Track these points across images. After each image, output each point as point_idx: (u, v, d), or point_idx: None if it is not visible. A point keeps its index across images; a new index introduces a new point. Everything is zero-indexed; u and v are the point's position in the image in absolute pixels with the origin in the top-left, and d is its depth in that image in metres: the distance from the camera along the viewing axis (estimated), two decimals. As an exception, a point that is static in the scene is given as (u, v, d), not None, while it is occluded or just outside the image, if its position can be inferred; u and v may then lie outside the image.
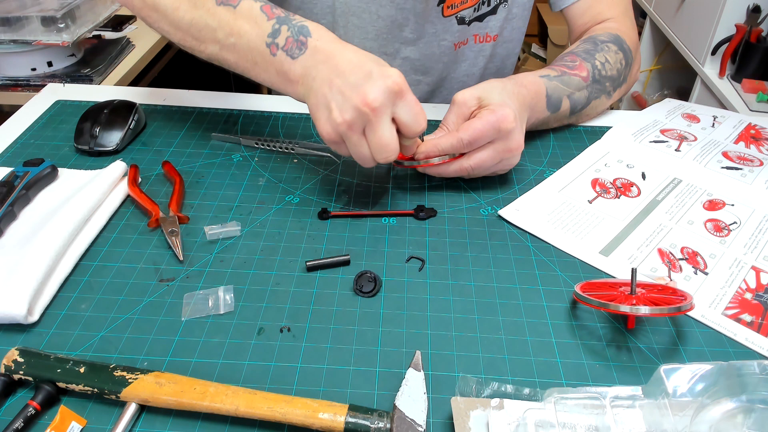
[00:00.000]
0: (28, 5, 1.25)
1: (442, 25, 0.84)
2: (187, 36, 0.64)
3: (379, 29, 0.83)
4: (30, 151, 0.71)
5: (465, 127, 0.61)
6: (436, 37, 0.85)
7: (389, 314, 0.52)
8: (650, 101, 2.04)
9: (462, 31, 0.86)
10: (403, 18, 0.82)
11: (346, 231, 0.61)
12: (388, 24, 0.83)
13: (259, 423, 0.43)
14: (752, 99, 1.41)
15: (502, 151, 0.62)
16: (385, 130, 0.54)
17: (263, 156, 0.72)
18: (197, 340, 0.49)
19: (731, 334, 0.51)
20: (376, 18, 0.82)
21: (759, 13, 1.44)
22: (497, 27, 0.87)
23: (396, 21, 0.82)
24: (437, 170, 0.64)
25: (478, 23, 0.86)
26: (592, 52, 0.77)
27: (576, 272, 0.57)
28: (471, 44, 0.88)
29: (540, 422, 0.40)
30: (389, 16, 0.82)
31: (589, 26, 0.85)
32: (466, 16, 0.84)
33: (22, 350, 0.46)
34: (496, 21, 0.87)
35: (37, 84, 1.24)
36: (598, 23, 0.84)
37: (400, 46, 0.85)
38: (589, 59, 0.76)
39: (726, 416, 0.39)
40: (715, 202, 0.65)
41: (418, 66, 0.88)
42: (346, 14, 0.83)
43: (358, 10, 0.82)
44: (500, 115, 0.60)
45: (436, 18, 0.83)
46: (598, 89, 0.76)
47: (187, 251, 0.58)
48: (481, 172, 0.64)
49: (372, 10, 0.82)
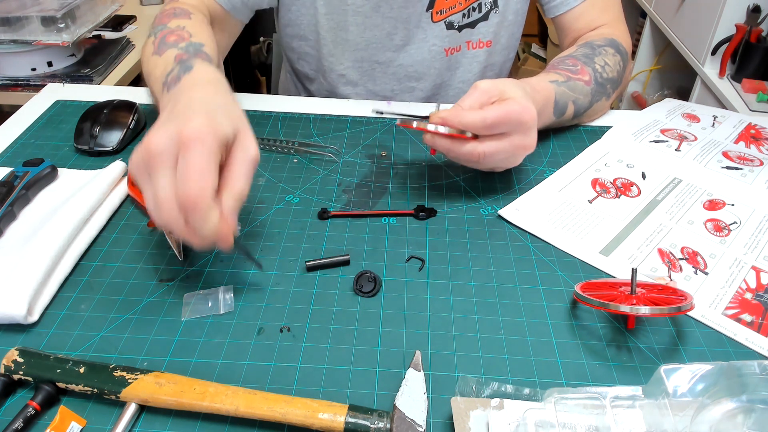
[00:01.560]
0: (28, 5, 1.25)
1: (432, 31, 0.85)
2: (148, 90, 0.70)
3: (368, 40, 0.84)
4: (30, 151, 0.71)
5: (491, 108, 0.58)
6: (426, 42, 0.86)
7: (389, 314, 0.52)
8: (650, 101, 2.04)
9: (452, 37, 0.86)
10: (391, 27, 0.83)
11: (346, 231, 0.61)
12: (377, 33, 0.84)
13: (258, 423, 0.43)
14: (752, 99, 1.41)
15: (517, 146, 0.61)
16: (160, 179, 0.44)
17: (263, 156, 0.72)
18: (197, 340, 0.49)
19: (731, 334, 0.51)
20: (363, 29, 0.83)
21: (759, 13, 1.44)
22: (491, 33, 0.88)
23: (384, 29, 0.83)
24: (447, 145, 0.60)
25: (470, 30, 0.87)
26: (591, 56, 0.77)
27: (576, 272, 0.57)
28: (464, 51, 0.89)
29: (540, 422, 0.40)
30: (376, 26, 0.83)
31: (583, 32, 0.86)
32: (455, 21, 0.85)
33: (21, 350, 0.46)
34: (489, 27, 0.87)
35: (37, 84, 1.24)
36: (592, 29, 0.86)
37: (392, 54, 0.86)
38: (589, 63, 0.76)
39: (726, 416, 0.39)
40: (716, 202, 0.65)
41: (411, 72, 0.89)
42: (333, 29, 0.84)
43: (345, 24, 0.83)
44: (525, 108, 0.58)
45: (426, 23, 0.84)
46: (599, 92, 0.76)
47: (187, 251, 0.58)
48: (489, 162, 0.61)
49: (359, 22, 0.83)
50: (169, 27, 0.70)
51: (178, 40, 0.67)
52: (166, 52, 0.65)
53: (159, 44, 0.68)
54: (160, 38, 0.69)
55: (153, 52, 0.68)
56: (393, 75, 0.89)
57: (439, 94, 0.92)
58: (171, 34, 0.68)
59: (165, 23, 0.71)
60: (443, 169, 0.70)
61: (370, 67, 0.88)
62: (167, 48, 0.66)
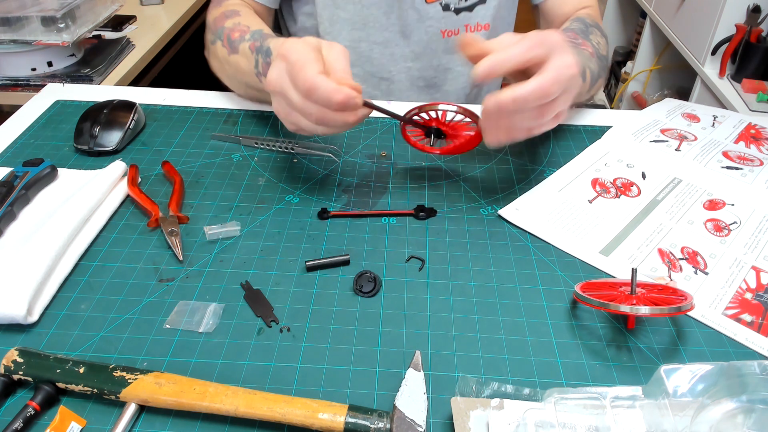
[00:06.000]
0: (28, 5, 1.25)
1: (426, 12, 0.86)
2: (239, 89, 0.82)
3: (364, 18, 0.86)
4: (30, 151, 0.71)
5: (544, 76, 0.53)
6: (421, 24, 0.87)
7: (389, 314, 0.52)
8: (650, 101, 2.04)
9: (448, 19, 0.87)
10: (387, 6, 0.85)
11: (346, 231, 0.61)
12: (373, 12, 0.85)
13: (258, 423, 0.43)
14: (752, 99, 1.41)
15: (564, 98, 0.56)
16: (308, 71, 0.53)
17: (263, 156, 0.72)
18: (197, 341, 0.49)
19: (731, 334, 0.51)
20: (360, 8, 0.85)
21: (759, 13, 1.44)
22: (489, 16, 0.89)
23: (380, 8, 0.85)
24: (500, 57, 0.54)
25: (467, 13, 0.88)
26: (586, 32, 0.78)
27: (576, 272, 0.57)
28: (463, 34, 0.90)
29: (540, 422, 0.40)
30: (372, 4, 0.85)
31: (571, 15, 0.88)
32: (452, 3, 0.86)
33: (21, 350, 0.46)
34: (486, 10, 0.89)
35: (37, 84, 1.24)
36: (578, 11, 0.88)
37: (388, 35, 0.87)
38: (586, 37, 0.77)
39: (726, 416, 0.39)
40: (716, 202, 0.65)
41: (407, 53, 0.90)
42: (329, 6, 0.86)
43: (343, 2, 0.85)
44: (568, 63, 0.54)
45: (420, 4, 0.85)
46: (601, 66, 0.76)
47: (187, 251, 0.58)
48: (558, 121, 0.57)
49: (354, 1, 0.85)
50: (228, 27, 0.76)
51: (242, 34, 0.73)
52: (239, 47, 0.73)
53: (229, 44, 0.75)
54: (226, 39, 0.75)
55: (229, 53, 0.75)
56: (390, 56, 0.90)
57: (438, 77, 0.93)
58: (232, 32, 0.75)
59: (222, 25, 0.77)
60: (443, 169, 0.70)
61: (368, 48, 0.88)
62: (238, 44, 0.73)
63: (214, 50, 0.79)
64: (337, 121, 0.55)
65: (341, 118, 0.55)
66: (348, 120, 0.56)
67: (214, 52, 0.80)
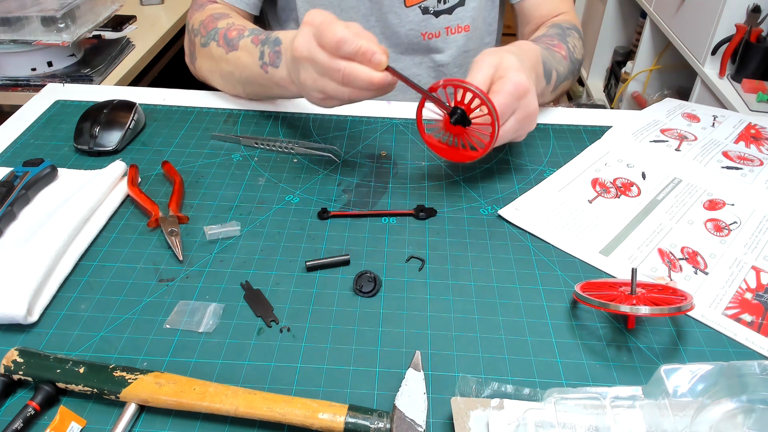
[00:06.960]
0: (28, 5, 1.25)
1: (406, 15, 0.87)
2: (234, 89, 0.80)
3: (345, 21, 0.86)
4: (30, 151, 0.71)
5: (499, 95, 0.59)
6: (401, 27, 0.88)
7: (389, 314, 0.52)
8: (650, 101, 2.04)
9: (428, 22, 0.88)
10: (366, 9, 0.86)
11: (346, 231, 0.61)
12: (353, 16, 0.86)
13: (258, 423, 0.43)
14: (752, 99, 1.40)
15: (521, 119, 0.62)
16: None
17: (263, 156, 0.72)
18: (197, 341, 0.49)
19: (731, 334, 0.51)
20: (339, 11, 0.86)
21: (759, 13, 1.44)
22: (468, 17, 0.90)
23: (359, 11, 0.86)
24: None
25: (447, 16, 0.89)
26: (563, 36, 0.81)
27: (576, 272, 0.57)
28: (444, 36, 0.91)
29: (540, 422, 0.40)
30: (351, 8, 0.86)
31: (545, 20, 0.90)
32: (431, 6, 0.87)
33: (21, 350, 0.46)
34: (465, 12, 0.90)
35: (37, 84, 1.24)
36: (554, 17, 0.90)
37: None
38: (563, 41, 0.80)
39: (726, 416, 0.39)
40: (716, 202, 0.65)
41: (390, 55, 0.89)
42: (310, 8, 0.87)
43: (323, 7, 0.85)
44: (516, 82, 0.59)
45: (399, 8, 0.86)
46: (572, 70, 0.80)
47: (187, 251, 0.58)
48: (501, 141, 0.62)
49: (334, 4, 0.86)
50: (222, 27, 0.76)
51: (240, 32, 0.74)
52: (239, 43, 0.73)
53: (226, 43, 0.75)
54: (222, 38, 0.75)
55: (227, 51, 0.74)
56: None
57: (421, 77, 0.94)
58: (229, 31, 0.75)
59: (215, 26, 0.77)
60: (443, 169, 0.70)
61: None
62: (237, 41, 0.73)
63: (206, 51, 0.78)
64: (363, 79, 0.56)
65: (367, 74, 0.56)
66: (373, 78, 0.56)
67: (207, 54, 0.78)
